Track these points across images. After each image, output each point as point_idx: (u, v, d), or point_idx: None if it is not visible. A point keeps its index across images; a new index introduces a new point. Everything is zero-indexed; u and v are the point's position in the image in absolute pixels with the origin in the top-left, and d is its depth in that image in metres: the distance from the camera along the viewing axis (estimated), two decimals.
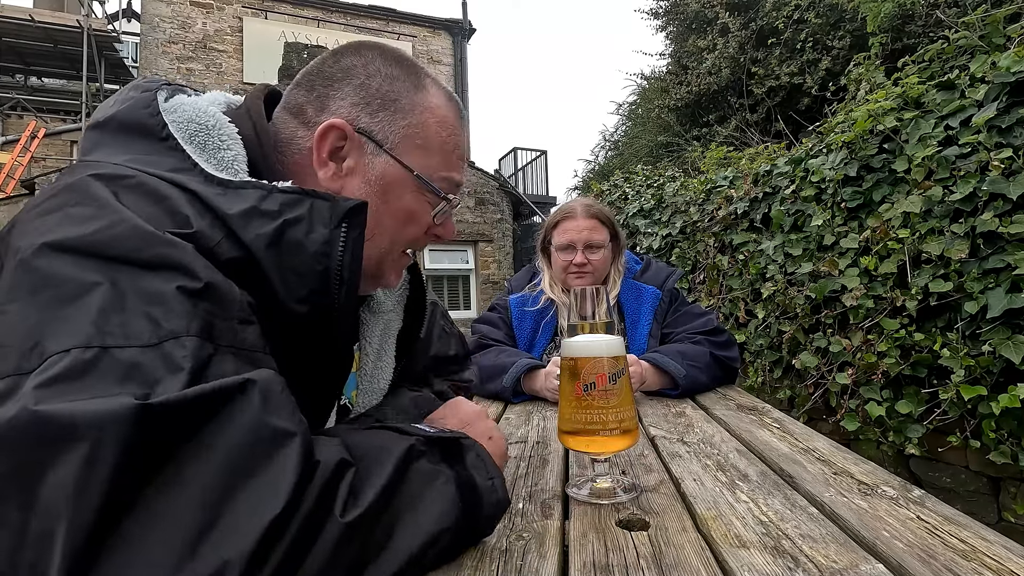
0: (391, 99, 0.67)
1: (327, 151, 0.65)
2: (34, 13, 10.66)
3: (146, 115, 0.59)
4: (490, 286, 9.38)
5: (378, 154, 0.66)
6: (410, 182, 0.66)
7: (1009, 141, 2.00)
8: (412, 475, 0.50)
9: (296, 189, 0.56)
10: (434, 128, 0.68)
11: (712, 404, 1.28)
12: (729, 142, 6.85)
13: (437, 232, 0.72)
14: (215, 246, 0.51)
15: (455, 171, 0.70)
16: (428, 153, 0.68)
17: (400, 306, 0.85)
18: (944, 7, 5.47)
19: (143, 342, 0.41)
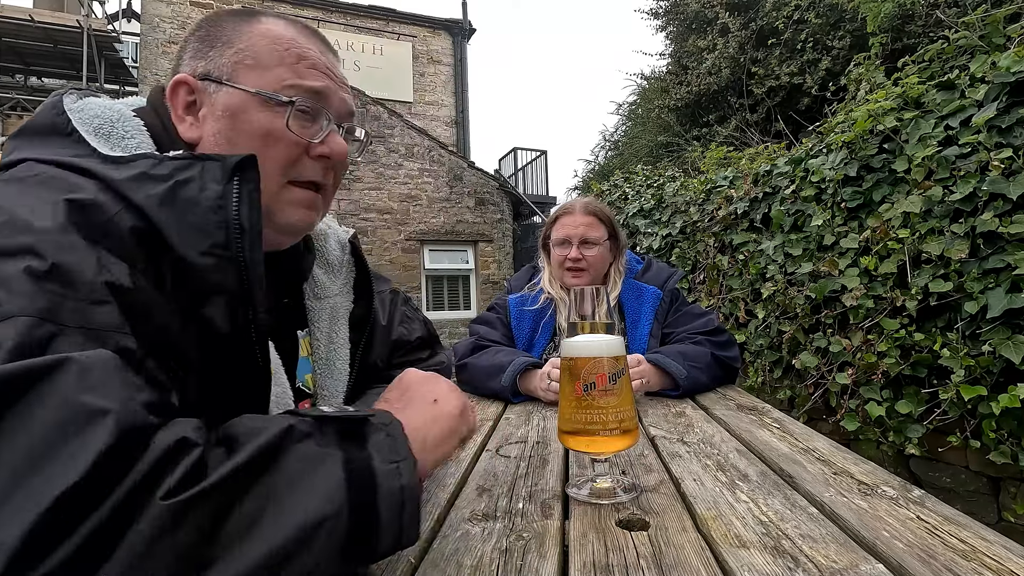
0: (217, 37, 0.69)
1: (181, 107, 0.68)
2: (34, 13, 10.65)
3: (53, 115, 0.62)
4: (490, 286, 9.38)
5: (218, 90, 0.67)
6: (251, 101, 0.66)
7: (1009, 141, 2.00)
8: (286, 459, 0.43)
9: (186, 155, 0.58)
10: (266, 46, 0.68)
11: (712, 404, 1.28)
12: (729, 142, 6.85)
13: (321, 151, 0.70)
14: (115, 216, 0.51)
15: (305, 79, 0.69)
16: (264, 70, 0.67)
17: (347, 288, 0.86)
18: (944, 7, 5.47)
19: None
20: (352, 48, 11.70)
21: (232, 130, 0.66)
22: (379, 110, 8.79)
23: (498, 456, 0.90)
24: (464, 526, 0.60)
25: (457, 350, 1.58)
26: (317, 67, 0.70)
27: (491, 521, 0.62)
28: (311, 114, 0.69)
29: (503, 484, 0.75)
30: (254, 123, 0.66)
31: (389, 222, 8.76)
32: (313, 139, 0.69)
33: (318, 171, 0.71)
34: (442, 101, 12.45)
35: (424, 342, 1.00)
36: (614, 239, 1.64)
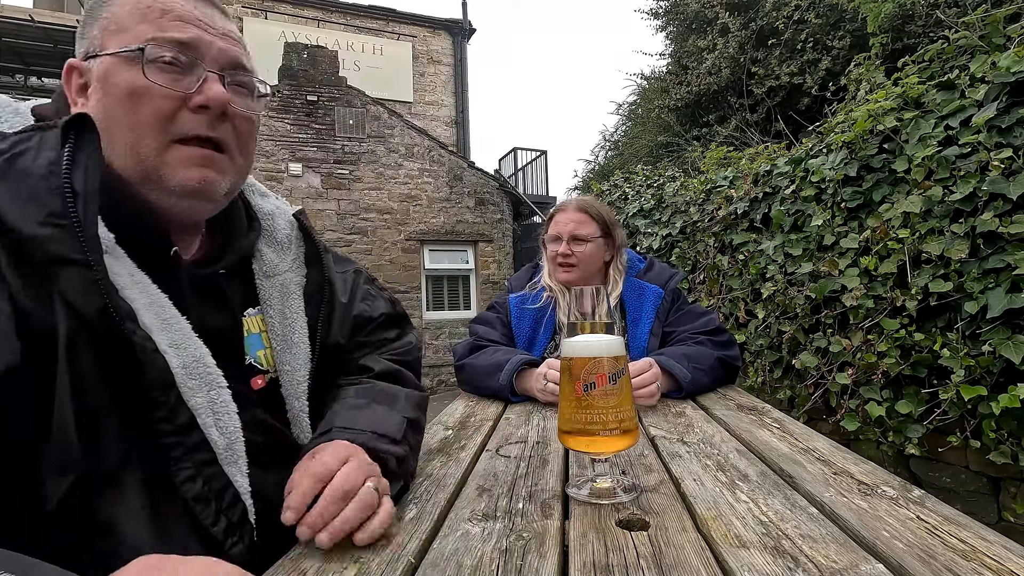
0: (89, 16, 0.69)
1: (74, 92, 0.68)
2: (34, 13, 10.65)
3: None
4: (490, 286, 9.38)
5: (93, 63, 0.67)
6: (114, 63, 0.65)
7: (1009, 141, 2.00)
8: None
9: (30, 127, 0.58)
10: (128, 10, 0.67)
11: (712, 404, 1.28)
12: (729, 142, 6.85)
13: (197, 101, 0.66)
14: None
15: (168, 31, 0.66)
16: (126, 31, 0.66)
17: (298, 263, 0.85)
18: (944, 7, 5.47)
19: None
20: (352, 48, 11.69)
21: (105, 96, 0.65)
22: (379, 110, 8.79)
23: (498, 456, 0.90)
24: (464, 526, 0.60)
25: (456, 350, 1.58)
26: (184, 19, 0.67)
27: (491, 521, 0.62)
28: (179, 65, 0.66)
29: (503, 484, 0.75)
30: (120, 84, 0.64)
31: (389, 222, 8.76)
32: (187, 91, 0.66)
33: (202, 124, 0.67)
34: (442, 101, 12.45)
35: (390, 319, 0.98)
36: (608, 237, 1.64)
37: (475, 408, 1.31)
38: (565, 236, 1.61)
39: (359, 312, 0.93)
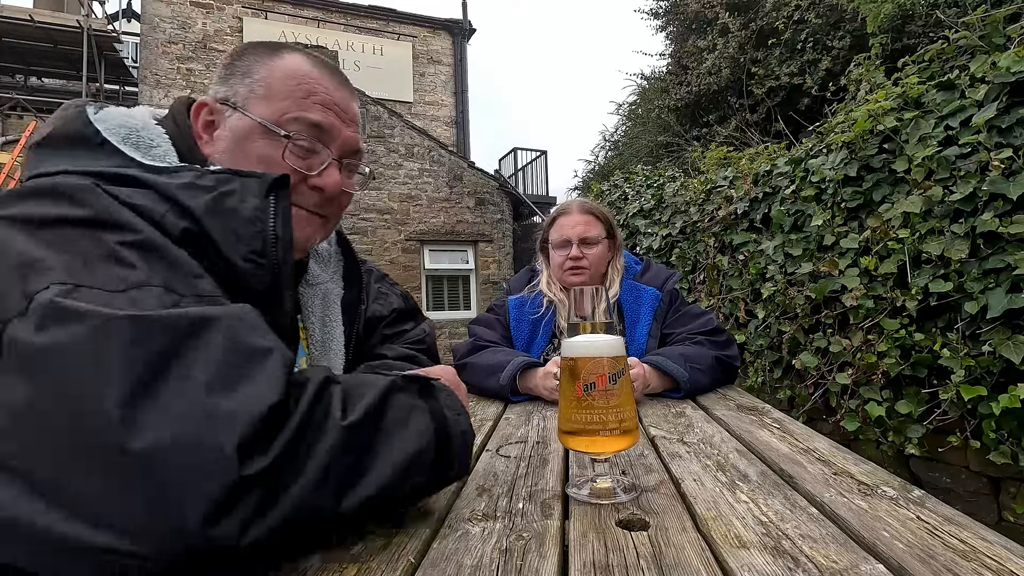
0: (241, 68, 0.76)
1: (200, 126, 0.75)
2: (34, 13, 10.66)
3: (80, 126, 0.66)
4: (490, 286, 9.38)
5: (231, 115, 0.74)
6: (256, 129, 0.72)
7: (1009, 141, 2.00)
8: (394, 403, 0.56)
9: (225, 169, 0.64)
10: (279, 80, 0.74)
11: (712, 404, 1.28)
12: (729, 142, 6.84)
13: (316, 183, 0.75)
14: (161, 218, 0.57)
15: (309, 112, 0.74)
16: (272, 102, 0.73)
17: (337, 276, 0.92)
18: (944, 7, 5.47)
19: (112, 288, 0.47)
20: (352, 48, 11.70)
21: (237, 151, 0.72)
22: (379, 110, 8.79)
23: (498, 456, 0.90)
24: (464, 526, 0.60)
25: (457, 350, 1.58)
26: (325, 104, 0.75)
27: (491, 521, 0.62)
28: (309, 148, 0.74)
29: (503, 484, 0.75)
30: (256, 149, 0.72)
31: (389, 222, 8.76)
32: (310, 171, 0.74)
33: (314, 199, 0.76)
34: (442, 101, 12.45)
35: (403, 314, 1.05)
36: (611, 237, 1.65)
37: (475, 408, 1.31)
38: (575, 240, 1.59)
39: (372, 313, 0.99)
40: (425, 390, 0.61)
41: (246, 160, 0.72)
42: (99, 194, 0.54)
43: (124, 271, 0.49)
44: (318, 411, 0.48)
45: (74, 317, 0.43)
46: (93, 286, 0.46)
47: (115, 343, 0.42)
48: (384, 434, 0.53)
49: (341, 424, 0.48)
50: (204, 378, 0.43)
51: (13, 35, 10.68)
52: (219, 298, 0.54)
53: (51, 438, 0.41)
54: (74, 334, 0.42)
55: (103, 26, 11.11)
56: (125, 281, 0.48)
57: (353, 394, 0.53)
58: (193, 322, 0.46)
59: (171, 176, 0.61)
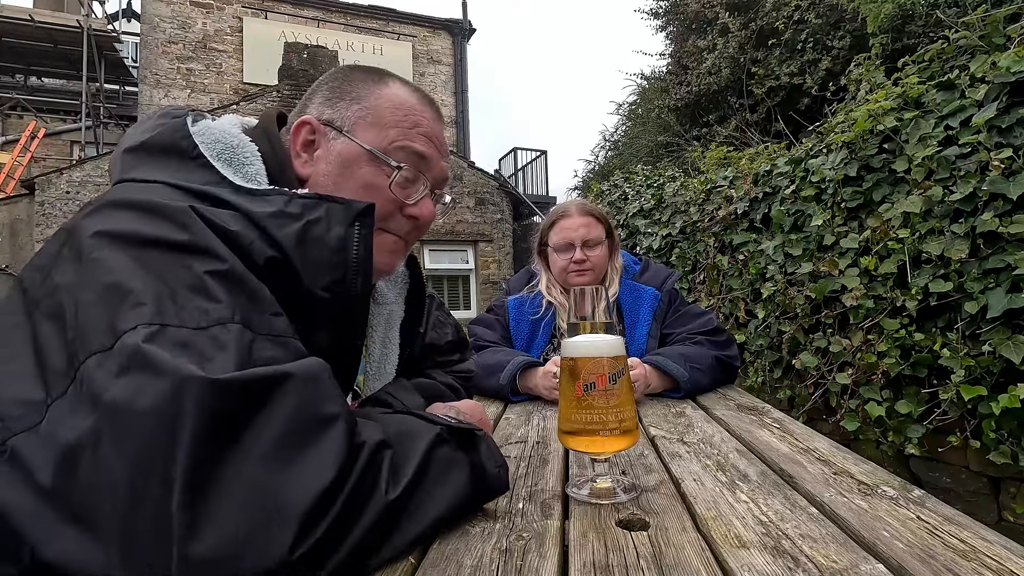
0: (348, 91, 0.77)
1: (300, 144, 0.75)
2: (34, 13, 10.66)
3: (179, 138, 0.67)
4: (490, 286, 9.38)
5: (337, 137, 0.75)
6: (363, 156, 0.73)
7: (1009, 141, 2.00)
8: (437, 459, 0.58)
9: (312, 195, 0.65)
10: (387, 108, 0.76)
11: (712, 404, 1.28)
12: (729, 142, 6.84)
13: (412, 212, 0.77)
14: (250, 245, 0.58)
15: (415, 142, 0.76)
16: (380, 129, 0.74)
17: (401, 298, 0.92)
18: (944, 7, 5.47)
19: (195, 325, 0.49)
20: (352, 48, 11.70)
21: (340, 175, 0.73)
22: None
23: None
24: (464, 526, 0.60)
25: None
26: (428, 135, 0.78)
27: (491, 521, 0.62)
28: (411, 179, 0.76)
29: None
30: (361, 175, 0.73)
31: None
32: (408, 200, 0.76)
33: (405, 227, 0.79)
34: (442, 101, 12.45)
35: (454, 345, 1.07)
36: (610, 237, 1.65)
37: None
38: (578, 242, 1.58)
39: (430, 340, 1.01)
40: (468, 442, 0.62)
41: (349, 185, 0.73)
42: (194, 219, 0.56)
43: (208, 304, 0.51)
44: (366, 483, 0.50)
45: (154, 371, 0.45)
46: (179, 325, 0.49)
47: (189, 407, 0.43)
48: (423, 493, 0.55)
49: (385, 500, 0.50)
50: (268, 449, 0.45)
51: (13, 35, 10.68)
52: (291, 339, 0.55)
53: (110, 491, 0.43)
54: (151, 392, 0.44)
55: (103, 26, 11.11)
56: (207, 317, 0.50)
57: (401, 455, 0.55)
58: (266, 382, 0.48)
59: (262, 202, 0.62)
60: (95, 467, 0.44)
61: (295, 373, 0.50)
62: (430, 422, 0.62)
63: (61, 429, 0.45)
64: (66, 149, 11.74)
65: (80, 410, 0.45)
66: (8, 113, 11.29)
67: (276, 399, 0.47)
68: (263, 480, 0.44)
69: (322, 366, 0.53)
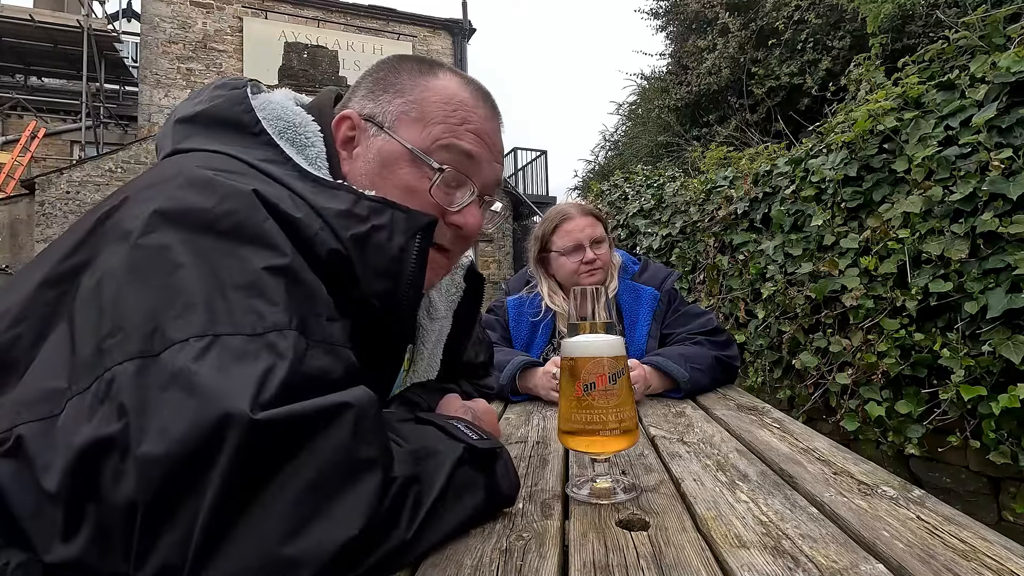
0: (392, 83, 0.70)
1: (340, 141, 0.70)
2: (34, 13, 10.66)
3: (240, 111, 0.63)
4: (490, 286, 9.37)
5: (377, 134, 0.69)
6: (404, 155, 0.67)
7: (1009, 141, 2.00)
8: (456, 483, 0.56)
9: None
10: (434, 103, 0.69)
11: (712, 404, 1.28)
12: (729, 142, 6.84)
13: (456, 220, 0.70)
14: (314, 235, 0.55)
15: (462, 140, 0.68)
16: (424, 126, 0.68)
17: (451, 312, 0.88)
18: (944, 7, 5.47)
19: (249, 331, 0.46)
20: (352, 48, 11.70)
21: (379, 176, 0.68)
22: None
23: None
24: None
25: None
26: (477, 133, 0.70)
27: (491, 521, 0.62)
28: (456, 182, 0.69)
29: None
30: (400, 176, 0.67)
31: None
32: (451, 206, 0.69)
33: (447, 237, 0.71)
34: None
35: (483, 366, 1.04)
36: (608, 235, 1.66)
37: None
38: (587, 242, 1.57)
39: (467, 359, 0.97)
40: (487, 464, 0.61)
41: (387, 187, 0.67)
42: (257, 205, 0.53)
43: (265, 307, 0.48)
44: (388, 523, 0.48)
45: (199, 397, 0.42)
46: (233, 332, 0.45)
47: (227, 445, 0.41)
48: (437, 519, 0.53)
49: (403, 539, 0.49)
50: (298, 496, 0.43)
51: (13, 35, 10.69)
52: (344, 349, 0.53)
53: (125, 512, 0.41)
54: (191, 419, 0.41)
55: (103, 26, 11.11)
56: (263, 321, 0.47)
57: (425, 486, 0.53)
58: (310, 419, 0.45)
59: (330, 196, 0.59)
60: (112, 481, 0.41)
61: (341, 406, 0.47)
62: (453, 438, 0.60)
63: (77, 430, 0.42)
64: (66, 149, 11.75)
65: (103, 414, 0.42)
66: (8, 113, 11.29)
67: (317, 437, 0.45)
68: (289, 527, 0.42)
69: (370, 399, 0.50)
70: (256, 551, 0.41)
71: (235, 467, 0.41)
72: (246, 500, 0.42)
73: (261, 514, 0.42)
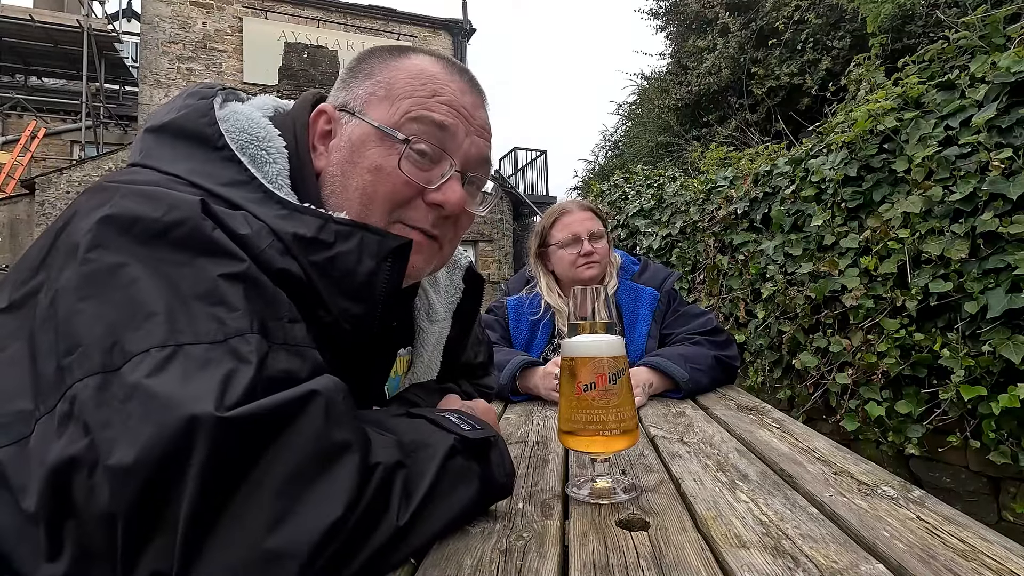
0: (363, 70, 0.69)
1: (317, 136, 0.68)
2: (34, 13, 10.66)
3: (204, 124, 0.61)
4: (490, 286, 9.37)
5: (349, 120, 0.67)
6: (371, 134, 0.64)
7: (1009, 141, 2.00)
8: (449, 472, 0.56)
9: (349, 222, 0.60)
10: (402, 80, 0.66)
11: (712, 404, 1.28)
12: (729, 142, 6.84)
13: (434, 198, 0.66)
14: (259, 254, 0.54)
15: (433, 111, 0.65)
16: (392, 103, 0.65)
17: (450, 314, 0.86)
18: (944, 7, 5.47)
19: (211, 339, 0.46)
20: (352, 48, 11.69)
21: (348, 162, 0.65)
22: None
23: None
24: (464, 526, 0.60)
25: None
26: (451, 104, 0.66)
27: (491, 521, 0.62)
28: (430, 156, 0.65)
29: None
30: (368, 157, 0.64)
31: None
32: (429, 184, 0.65)
33: (428, 219, 0.67)
34: None
35: (483, 366, 1.03)
36: (607, 233, 1.67)
37: None
38: (585, 235, 1.59)
39: (466, 359, 0.96)
40: (480, 453, 0.61)
41: (357, 171, 0.64)
42: (205, 217, 0.52)
43: (225, 313, 0.48)
44: (376, 508, 0.48)
45: (162, 405, 0.42)
46: (194, 341, 0.45)
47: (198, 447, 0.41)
48: (432, 509, 0.53)
49: (396, 526, 0.49)
50: (277, 487, 0.43)
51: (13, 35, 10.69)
52: (308, 349, 0.53)
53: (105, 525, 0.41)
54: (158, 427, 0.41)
55: (103, 26, 11.11)
56: (225, 328, 0.47)
57: (415, 474, 0.53)
58: (279, 411, 0.45)
59: (296, 221, 0.57)
60: (87, 497, 0.41)
61: (309, 395, 0.47)
62: (445, 429, 0.59)
63: (48, 450, 0.42)
64: (66, 149, 11.75)
65: (70, 431, 0.42)
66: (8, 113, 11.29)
67: (288, 428, 0.45)
68: (271, 519, 0.42)
69: (338, 386, 0.50)
70: (242, 548, 0.41)
71: (209, 468, 0.41)
72: (225, 499, 0.42)
73: (242, 511, 0.42)
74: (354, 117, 0.66)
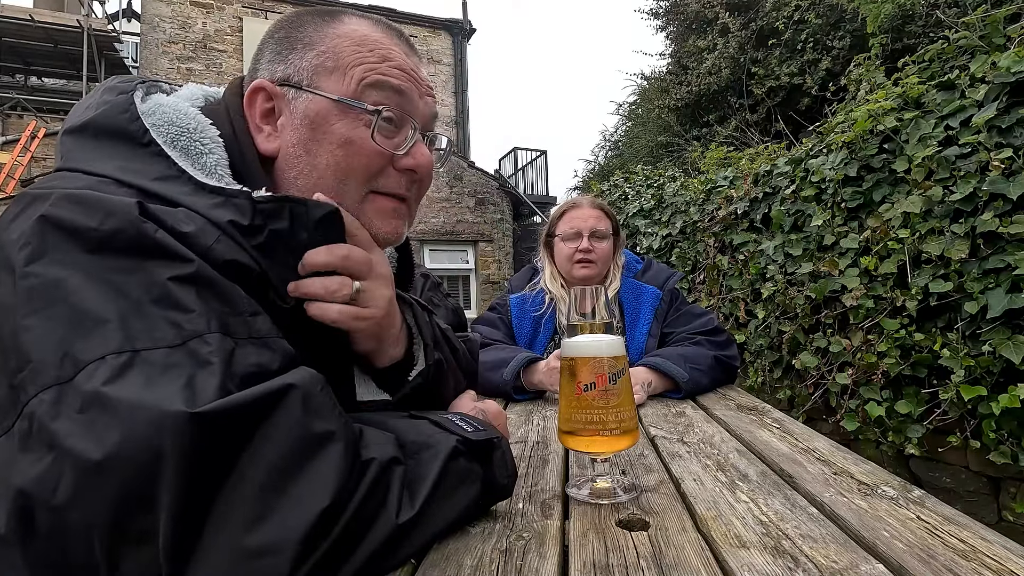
0: (298, 39, 0.65)
1: (259, 116, 0.65)
2: (34, 13, 10.66)
3: (125, 120, 0.58)
4: (490, 286, 9.38)
5: (297, 95, 0.64)
6: (332, 108, 0.63)
7: (1009, 141, 2.00)
8: (451, 473, 0.56)
9: (273, 197, 0.57)
10: (348, 48, 0.64)
11: (712, 404, 1.28)
12: (729, 142, 6.85)
13: (407, 164, 0.66)
14: (207, 249, 0.51)
15: (389, 76, 0.64)
16: (344, 73, 0.63)
17: None
18: (944, 7, 5.47)
19: (169, 343, 0.45)
20: None
21: (312, 140, 0.63)
22: None
23: None
24: (464, 526, 0.60)
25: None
26: (403, 68, 0.66)
27: (491, 521, 0.62)
28: (396, 122, 0.65)
29: None
30: (334, 132, 0.62)
31: None
32: (398, 150, 0.65)
33: (401, 184, 0.67)
34: (442, 101, 12.44)
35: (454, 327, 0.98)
36: (616, 235, 1.67)
37: None
38: (586, 232, 1.60)
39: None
40: (483, 454, 0.60)
41: (324, 149, 0.62)
42: (144, 220, 0.49)
43: (180, 316, 0.46)
44: (373, 504, 0.47)
45: (125, 410, 0.40)
46: (152, 346, 0.44)
47: (168, 450, 0.39)
48: (434, 509, 0.53)
49: (395, 523, 0.48)
50: (260, 483, 0.42)
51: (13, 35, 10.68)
52: (276, 339, 0.52)
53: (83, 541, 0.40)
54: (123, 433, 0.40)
55: (103, 26, 11.10)
56: (182, 332, 0.45)
57: (416, 472, 0.53)
58: (254, 405, 0.44)
59: (229, 208, 0.55)
60: (59, 515, 0.39)
61: (285, 388, 0.46)
62: (447, 430, 0.59)
63: (11, 472, 0.41)
64: None
65: (33, 450, 0.41)
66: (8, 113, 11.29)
67: (266, 422, 0.44)
68: (256, 516, 0.41)
69: (315, 378, 0.49)
70: (228, 548, 0.40)
71: (186, 469, 0.40)
72: (207, 499, 0.41)
73: (226, 510, 0.41)
74: (303, 92, 0.63)
